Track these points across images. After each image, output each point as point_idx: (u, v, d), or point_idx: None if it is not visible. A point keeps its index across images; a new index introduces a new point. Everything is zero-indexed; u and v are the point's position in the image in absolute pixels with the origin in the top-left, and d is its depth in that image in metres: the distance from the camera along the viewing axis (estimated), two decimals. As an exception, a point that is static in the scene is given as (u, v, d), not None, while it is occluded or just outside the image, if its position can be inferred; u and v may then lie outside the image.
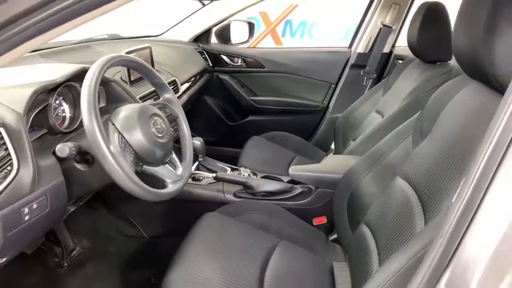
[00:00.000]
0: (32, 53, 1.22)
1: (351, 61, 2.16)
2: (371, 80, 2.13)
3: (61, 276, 1.42)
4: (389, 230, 0.94)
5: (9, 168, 0.75)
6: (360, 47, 2.12)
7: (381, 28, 2.03)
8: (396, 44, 2.13)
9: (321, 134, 2.26)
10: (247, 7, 2.13)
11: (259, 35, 4.02)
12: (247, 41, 2.23)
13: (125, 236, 1.56)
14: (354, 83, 2.17)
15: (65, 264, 1.44)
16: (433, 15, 1.39)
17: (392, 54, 2.11)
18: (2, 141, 0.75)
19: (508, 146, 0.43)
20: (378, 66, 2.11)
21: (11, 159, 0.76)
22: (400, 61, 1.94)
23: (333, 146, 2.06)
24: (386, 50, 2.09)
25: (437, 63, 1.48)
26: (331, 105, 2.23)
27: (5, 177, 0.74)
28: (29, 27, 0.48)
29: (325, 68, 2.20)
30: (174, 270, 0.98)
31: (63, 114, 1.03)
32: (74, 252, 1.48)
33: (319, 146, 2.12)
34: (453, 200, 0.49)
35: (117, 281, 1.43)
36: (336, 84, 2.22)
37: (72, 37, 1.58)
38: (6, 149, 0.75)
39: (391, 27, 2.01)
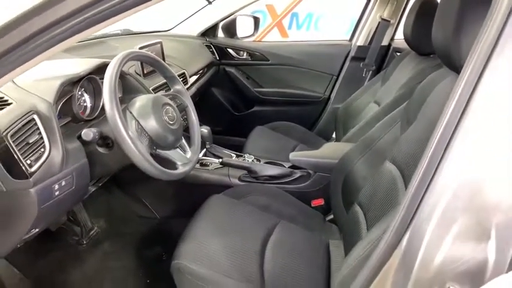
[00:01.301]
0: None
1: (351, 54, 2.23)
2: (370, 72, 2.21)
3: (81, 252, 1.55)
4: (377, 208, 1.04)
5: (42, 150, 0.87)
6: (360, 40, 2.19)
7: (379, 22, 2.10)
8: (395, 37, 2.20)
9: (323, 123, 2.35)
10: (253, 2, 2.21)
11: (265, 28, 4.07)
12: (252, 35, 2.31)
13: (138, 217, 1.68)
14: (354, 75, 2.25)
15: (84, 242, 1.57)
16: (426, 10, 1.47)
17: (391, 47, 2.19)
18: (36, 127, 0.87)
19: (460, 120, 0.53)
20: (377, 58, 2.18)
21: (43, 142, 0.88)
22: (399, 54, 2.01)
23: (334, 135, 2.15)
24: (385, 43, 2.17)
25: (431, 55, 1.56)
26: (332, 96, 2.32)
27: (39, 158, 0.86)
28: (72, 26, 0.59)
29: (327, 61, 2.28)
30: (184, 244, 1.09)
31: (85, 104, 1.14)
32: (92, 232, 1.61)
33: (321, 135, 2.21)
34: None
35: (132, 258, 1.56)
36: (337, 76, 2.30)
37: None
38: (40, 133, 0.87)
39: (389, 21, 2.08)
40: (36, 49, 0.65)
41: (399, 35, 2.15)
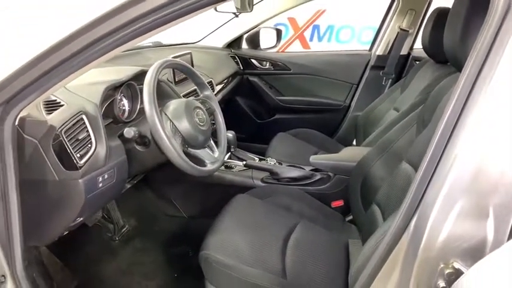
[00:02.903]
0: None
1: (371, 63, 2.30)
2: (390, 80, 2.27)
3: (113, 248, 1.67)
4: (394, 206, 1.10)
5: (89, 145, 0.99)
6: (379, 49, 2.26)
7: (398, 32, 2.17)
8: (415, 47, 2.26)
9: (344, 131, 2.41)
10: (276, 15, 2.32)
11: (287, 40, 4.17)
12: (274, 46, 2.42)
13: (167, 216, 1.79)
14: (374, 83, 2.30)
15: (117, 239, 1.69)
16: (442, 20, 1.52)
17: (410, 56, 2.24)
18: (84, 125, 0.99)
19: (461, 111, 0.59)
20: (397, 67, 2.24)
21: (90, 139, 0.99)
22: (418, 62, 2.06)
23: (354, 143, 2.20)
24: (404, 52, 2.22)
25: (448, 63, 1.61)
26: (352, 104, 2.38)
27: (86, 152, 0.98)
28: (119, 39, 0.71)
29: (347, 70, 2.35)
30: (210, 237, 1.17)
31: (123, 108, 1.26)
32: (124, 229, 1.73)
33: (342, 142, 2.25)
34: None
35: (160, 254, 1.66)
36: (357, 85, 2.36)
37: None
38: (87, 131, 0.99)
39: (407, 31, 2.15)
40: (90, 57, 0.77)
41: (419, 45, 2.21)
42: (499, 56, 0.57)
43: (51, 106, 0.98)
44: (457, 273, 0.59)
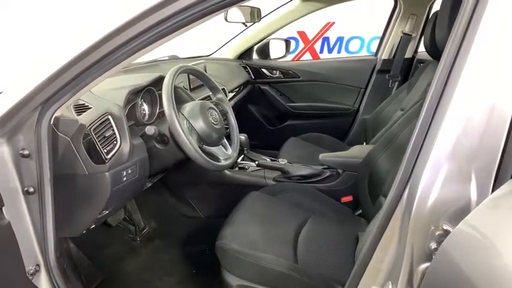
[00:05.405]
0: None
1: (377, 67, 2.38)
2: (396, 82, 2.34)
3: (135, 248, 1.76)
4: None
5: (115, 142, 1.09)
6: (384, 54, 2.34)
7: (401, 36, 2.25)
8: (419, 50, 2.33)
9: (354, 134, 2.48)
10: (284, 25, 2.43)
11: (298, 53, 4.28)
12: (284, 56, 2.53)
13: (185, 217, 1.88)
14: (381, 87, 2.38)
15: (138, 239, 1.78)
16: None
17: (415, 59, 2.31)
18: (110, 125, 1.10)
19: (443, 91, 0.67)
20: (402, 70, 2.31)
21: (115, 136, 1.10)
22: (422, 64, 2.12)
23: (364, 145, 2.26)
24: (408, 55, 2.30)
25: (449, 62, 1.67)
26: (361, 107, 2.45)
27: (112, 148, 1.08)
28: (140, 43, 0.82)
29: (354, 75, 2.44)
30: (226, 228, 1.25)
31: (144, 112, 1.38)
32: (145, 231, 1.83)
33: (352, 145, 2.32)
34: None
35: (179, 253, 1.74)
36: (365, 89, 2.44)
37: (141, 59, 1.96)
38: (113, 129, 1.10)
39: (410, 35, 2.23)
40: (117, 60, 0.87)
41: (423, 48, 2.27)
42: (470, 44, 0.64)
43: (81, 108, 1.09)
44: (447, 234, 0.65)
